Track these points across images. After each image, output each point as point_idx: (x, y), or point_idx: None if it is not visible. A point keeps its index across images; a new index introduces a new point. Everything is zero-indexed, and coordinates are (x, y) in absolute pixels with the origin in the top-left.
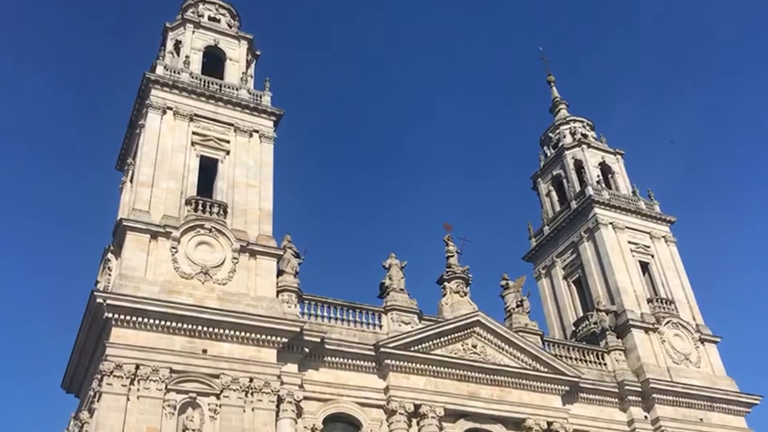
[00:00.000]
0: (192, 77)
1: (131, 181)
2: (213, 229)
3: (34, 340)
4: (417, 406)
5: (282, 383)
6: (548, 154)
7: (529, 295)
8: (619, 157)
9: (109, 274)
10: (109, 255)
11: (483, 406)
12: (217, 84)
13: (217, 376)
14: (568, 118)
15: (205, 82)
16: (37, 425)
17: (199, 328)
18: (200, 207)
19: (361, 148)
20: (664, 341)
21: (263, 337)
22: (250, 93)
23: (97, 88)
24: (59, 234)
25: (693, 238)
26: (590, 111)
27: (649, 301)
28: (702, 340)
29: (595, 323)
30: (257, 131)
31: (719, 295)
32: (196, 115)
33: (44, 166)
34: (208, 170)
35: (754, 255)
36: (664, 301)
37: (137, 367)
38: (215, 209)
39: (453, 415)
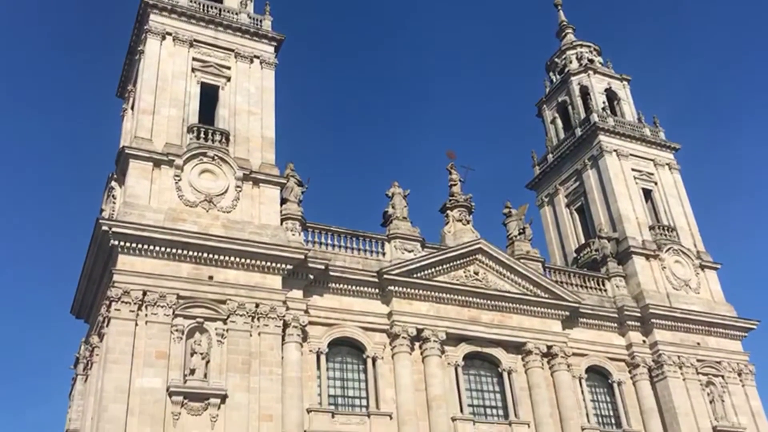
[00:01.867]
0: (191, 1)
1: (132, 108)
2: (216, 157)
3: (43, 268)
4: (419, 331)
5: (287, 309)
6: (554, 81)
7: (531, 223)
8: (625, 83)
9: (114, 203)
10: (113, 183)
11: (484, 330)
12: (216, 8)
13: (223, 302)
14: (574, 43)
15: (203, 6)
16: (49, 350)
17: (205, 255)
18: (202, 135)
19: (364, 75)
20: (664, 268)
21: (268, 264)
22: (250, 17)
23: (96, 12)
24: (64, 162)
25: (697, 165)
26: (597, 36)
27: (651, 228)
28: (702, 267)
29: (596, 250)
30: (258, 57)
31: (721, 222)
32: (195, 40)
33: (45, 93)
34: (209, 97)
35: (757, 183)
36: (665, 228)
37: (144, 293)
38: (217, 137)
39: (454, 339)
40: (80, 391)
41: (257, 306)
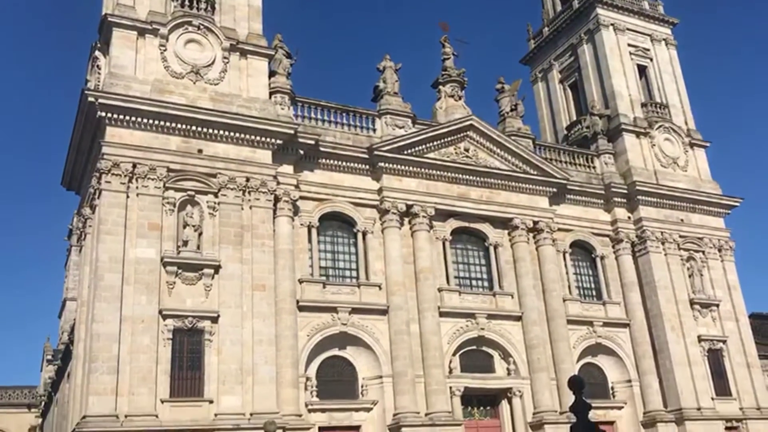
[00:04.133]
0: None
1: None
2: (201, 26)
3: (32, 140)
4: (409, 206)
5: (278, 183)
6: None
7: (524, 99)
8: None
9: (99, 73)
10: (97, 53)
11: (472, 206)
12: None
13: (214, 176)
14: None
15: None
16: (42, 221)
17: (193, 128)
18: (187, 2)
19: None
20: (654, 145)
21: (257, 138)
22: None
23: None
24: (48, 29)
25: (694, 42)
26: None
27: (644, 105)
28: (692, 145)
29: (587, 127)
30: None
31: (713, 100)
32: None
33: None
34: None
35: (752, 62)
36: (658, 105)
37: (134, 165)
38: (202, 5)
39: (443, 215)
40: (75, 261)
41: (248, 180)
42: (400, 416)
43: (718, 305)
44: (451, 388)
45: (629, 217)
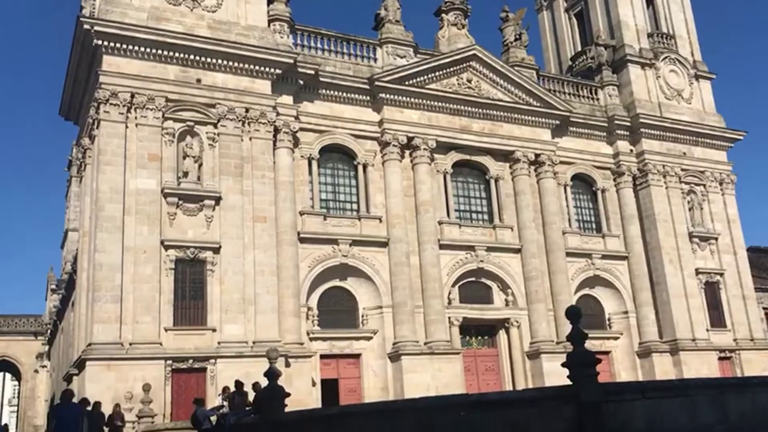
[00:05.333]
0: None
1: None
2: None
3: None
4: (410, 139)
5: (278, 114)
6: None
7: (528, 29)
8: None
9: (94, 0)
10: None
11: (474, 139)
12: None
13: (213, 106)
14: None
15: None
16: (41, 152)
17: (191, 57)
18: None
19: None
20: (659, 77)
21: (256, 68)
22: None
23: None
24: None
25: None
26: None
27: (650, 35)
28: (697, 77)
29: (592, 58)
30: None
31: (720, 31)
32: None
33: None
34: None
35: None
36: (664, 35)
37: (132, 95)
38: None
39: (444, 147)
40: (76, 192)
41: (247, 111)
42: (400, 345)
43: (717, 238)
44: (449, 318)
45: (631, 150)
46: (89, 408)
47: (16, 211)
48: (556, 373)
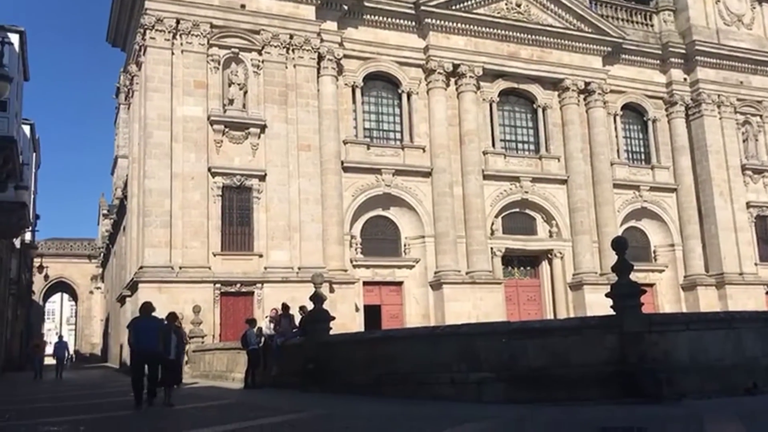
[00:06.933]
0: None
1: None
2: None
3: None
4: (456, 66)
5: (322, 41)
6: None
7: None
8: None
9: None
10: None
11: (522, 66)
12: None
13: (257, 32)
14: None
15: None
16: (89, 78)
17: None
18: None
19: None
20: (718, 1)
21: None
22: None
23: None
24: None
25: None
26: None
27: None
28: (760, 0)
29: None
30: None
31: None
32: None
33: None
34: None
35: None
36: None
37: (178, 21)
38: None
39: (491, 75)
40: (124, 119)
41: (291, 37)
42: (442, 274)
43: None
44: (492, 248)
45: (685, 79)
46: (176, 323)
47: (67, 138)
48: (598, 304)
